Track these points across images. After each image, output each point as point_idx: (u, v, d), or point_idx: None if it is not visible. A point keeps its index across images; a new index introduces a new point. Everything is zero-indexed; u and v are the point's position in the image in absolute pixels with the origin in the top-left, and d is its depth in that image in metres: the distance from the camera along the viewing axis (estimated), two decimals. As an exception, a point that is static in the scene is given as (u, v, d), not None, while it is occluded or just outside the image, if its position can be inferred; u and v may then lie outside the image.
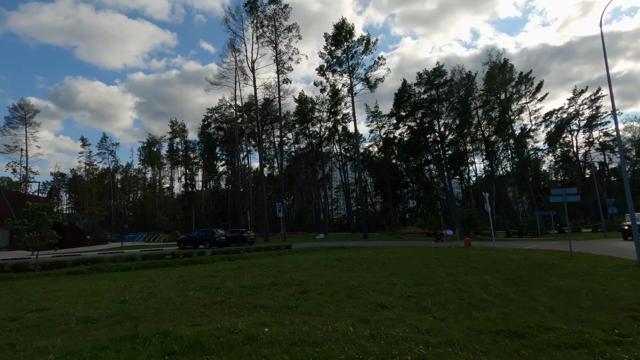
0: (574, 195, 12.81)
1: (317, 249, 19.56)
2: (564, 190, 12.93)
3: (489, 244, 21.59)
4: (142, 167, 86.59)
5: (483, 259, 11.93)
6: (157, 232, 54.97)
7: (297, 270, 10.17)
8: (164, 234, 48.90)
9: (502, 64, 41.57)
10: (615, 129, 9.77)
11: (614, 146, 56.45)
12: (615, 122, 10.19)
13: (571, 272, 8.76)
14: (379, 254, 14.76)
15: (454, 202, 42.33)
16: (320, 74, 38.88)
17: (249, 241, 27.32)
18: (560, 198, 12.96)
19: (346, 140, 60.35)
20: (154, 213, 72.26)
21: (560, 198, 12.96)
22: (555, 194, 13.12)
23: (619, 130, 10.08)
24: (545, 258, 11.72)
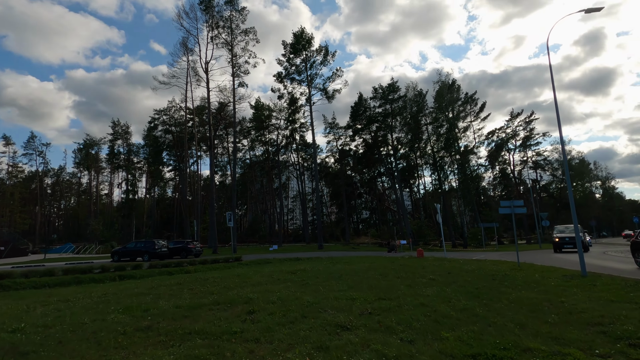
0: (520, 207, 13.30)
1: (270, 261, 18.45)
2: (512, 202, 13.38)
3: (440, 254, 22.04)
4: (77, 170, 78.48)
5: (438, 270, 11.80)
6: (91, 242, 49.51)
7: (245, 285, 9.12)
8: (97, 245, 44.10)
9: (451, 84, 44.21)
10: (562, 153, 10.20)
11: (544, 165, 62.53)
12: (563, 147, 10.69)
13: (525, 283, 8.78)
14: (335, 265, 14.12)
15: (405, 213, 43.52)
16: (278, 81, 38.28)
17: (194, 253, 25.29)
18: (508, 210, 13.38)
19: (304, 150, 59.96)
20: (88, 222, 65.37)
21: (508, 210, 13.38)
22: (504, 206, 13.54)
23: (565, 152, 10.57)
24: (496, 269, 11.88)
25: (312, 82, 37.88)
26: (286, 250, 33.47)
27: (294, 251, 32.32)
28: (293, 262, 17.07)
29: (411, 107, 44.64)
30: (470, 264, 13.55)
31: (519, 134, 57.58)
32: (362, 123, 44.33)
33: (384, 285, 8.72)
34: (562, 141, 10.74)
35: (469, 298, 6.96)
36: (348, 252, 28.71)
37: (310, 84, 37.59)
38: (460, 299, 6.80)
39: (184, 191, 46.92)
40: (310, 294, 7.47)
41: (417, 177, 64.09)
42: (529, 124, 57.24)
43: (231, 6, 32.81)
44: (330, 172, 65.80)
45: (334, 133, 56.48)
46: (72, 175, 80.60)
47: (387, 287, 8.33)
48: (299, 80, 38.16)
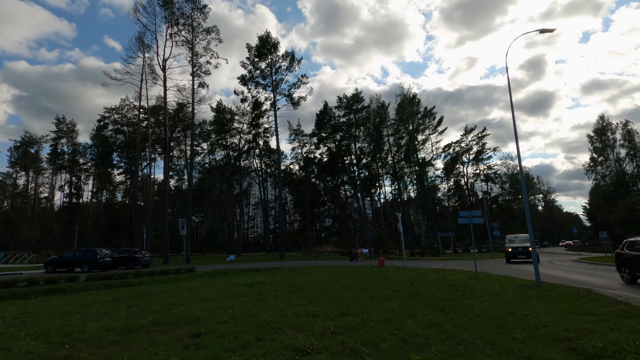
0: (478, 217, 13.59)
1: (226, 273, 17.33)
2: (470, 213, 13.64)
3: (400, 263, 22.16)
4: (13, 171, 70.62)
5: (400, 280, 11.60)
6: (24, 251, 44.30)
7: (195, 301, 8.20)
8: (30, 254, 39.56)
9: (412, 98, 45.80)
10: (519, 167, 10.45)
11: (495, 178, 66.56)
12: (520, 163, 11.01)
13: (485, 293, 8.75)
14: (296, 277, 13.47)
15: (366, 222, 43.89)
16: (242, 84, 37.19)
17: (142, 263, 23.35)
18: (467, 220, 13.61)
19: (267, 156, 58.82)
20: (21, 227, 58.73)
21: (467, 220, 13.61)
22: (463, 216, 13.77)
23: (522, 166, 10.88)
24: (456, 279, 11.92)
25: (278, 87, 37.32)
26: (245, 260, 32.12)
27: (254, 261, 31.10)
28: (251, 274, 16.14)
29: (374, 118, 45.54)
30: (431, 274, 13.54)
31: (472, 148, 60.89)
32: (327, 131, 44.43)
33: (347, 298, 8.25)
34: (519, 157, 11.09)
35: (434, 311, 6.68)
36: (310, 262, 28.09)
37: (275, 89, 36.97)
38: (426, 313, 6.50)
39: (134, 196, 43.73)
40: (267, 311, 6.78)
41: (378, 187, 65.39)
42: (481, 139, 60.80)
43: (192, 4, 31.50)
44: (295, 179, 65.15)
45: (299, 140, 56.15)
46: (6, 175, 72.43)
47: (351, 300, 7.86)
48: (264, 84, 37.45)
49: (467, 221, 13.56)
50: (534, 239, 37.55)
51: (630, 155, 57.21)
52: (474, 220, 13.53)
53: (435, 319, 6.03)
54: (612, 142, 59.66)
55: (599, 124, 62.02)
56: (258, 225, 75.39)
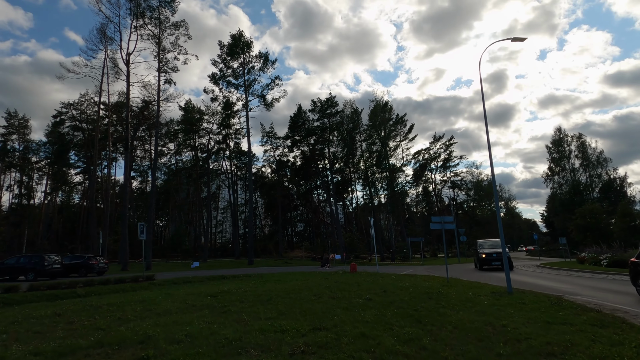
0: (450, 223, 13.57)
1: (189, 281, 16.22)
2: (442, 218, 13.60)
3: (372, 269, 21.93)
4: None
5: (373, 287, 11.23)
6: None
7: (148, 315, 7.32)
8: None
9: (384, 104, 46.42)
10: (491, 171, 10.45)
11: (461, 185, 68.89)
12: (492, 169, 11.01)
13: (460, 302, 8.53)
14: (265, 285, 12.74)
15: (339, 226, 43.67)
16: (212, 82, 35.90)
17: (97, 270, 21.57)
18: (439, 225, 13.54)
19: (238, 158, 57.26)
20: (-40, 231, 53.11)
21: (439, 225, 13.54)
22: (435, 222, 13.70)
23: (494, 174, 10.91)
24: (429, 285, 11.73)
25: (250, 88, 36.41)
26: (212, 267, 30.70)
27: (221, 267, 29.79)
28: (217, 282, 15.19)
29: (347, 123, 45.64)
30: (404, 280, 13.31)
31: (440, 156, 62.75)
32: (300, 135, 43.92)
33: (319, 309, 7.70)
34: (491, 162, 11.12)
35: (411, 323, 6.29)
36: (280, 268, 27.27)
37: (247, 89, 36.02)
38: (403, 325, 6.09)
39: (92, 198, 40.83)
40: (230, 326, 6.10)
41: (351, 192, 65.65)
42: (448, 147, 62.83)
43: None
44: (267, 183, 63.97)
45: (272, 143, 55.19)
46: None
47: (323, 312, 7.33)
48: (236, 84, 36.35)
49: (439, 227, 13.50)
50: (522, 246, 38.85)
51: (583, 166, 61.28)
52: (446, 225, 13.49)
53: (413, 332, 5.63)
54: (568, 153, 63.67)
55: (556, 135, 66.11)
56: (227, 230, 73.30)
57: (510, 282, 10.21)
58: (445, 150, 62.54)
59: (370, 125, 46.28)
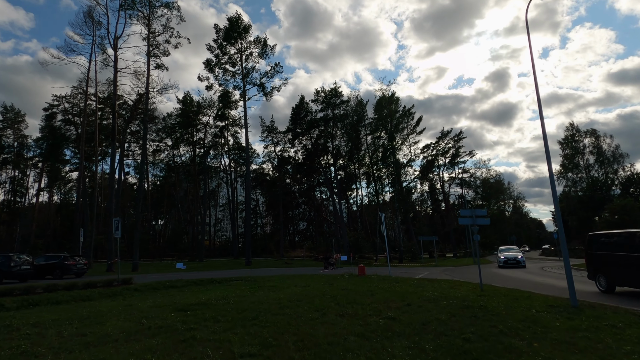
0: (483, 217, 11.13)
1: (172, 285, 13.93)
2: (473, 212, 11.15)
3: (382, 271, 19.51)
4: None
5: (392, 298, 8.84)
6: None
7: (76, 345, 4.98)
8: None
9: (391, 95, 43.85)
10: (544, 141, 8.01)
11: (470, 182, 66.15)
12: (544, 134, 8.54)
13: (519, 322, 6.12)
14: (256, 293, 10.39)
15: (343, 225, 41.26)
16: (207, 69, 33.40)
17: (75, 271, 19.37)
18: (469, 220, 11.11)
19: (237, 154, 54.93)
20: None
21: (469, 220, 11.11)
22: (465, 216, 11.26)
23: (547, 141, 8.47)
24: (462, 295, 9.31)
25: (248, 76, 34.00)
26: (206, 268, 28.44)
27: (216, 268, 27.53)
28: (201, 288, 12.85)
29: (352, 115, 43.19)
30: (426, 288, 10.89)
31: (448, 151, 60.09)
32: (302, 127, 41.42)
33: (323, 336, 5.33)
34: (543, 129, 8.67)
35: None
36: (279, 270, 24.93)
37: (245, 77, 33.62)
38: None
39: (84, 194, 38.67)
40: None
41: (355, 189, 63.17)
42: (457, 142, 60.12)
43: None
44: (268, 180, 61.66)
45: (272, 138, 52.84)
46: None
47: (329, 343, 4.96)
48: (233, 72, 33.93)
49: (470, 221, 11.06)
50: (513, 245, 36.11)
51: (598, 162, 58.38)
52: (478, 221, 11.04)
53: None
54: (582, 149, 60.79)
55: (568, 132, 63.23)
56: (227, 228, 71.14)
57: (575, 292, 7.76)
58: (453, 145, 59.87)
59: (376, 118, 43.75)
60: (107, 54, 29.33)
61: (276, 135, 50.98)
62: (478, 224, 10.98)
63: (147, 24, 27.16)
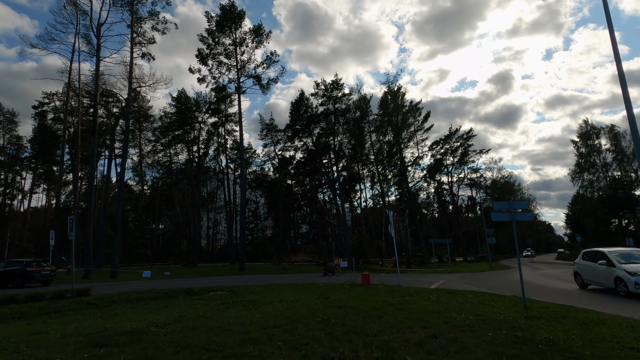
0: (526, 212, 8.53)
1: (139, 298, 11.51)
2: (511, 204, 8.53)
3: (389, 278, 16.88)
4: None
5: (409, 324, 6.27)
6: None
7: None
8: None
9: (397, 89, 41.30)
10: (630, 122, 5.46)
11: (480, 182, 63.16)
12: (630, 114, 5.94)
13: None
14: (224, 313, 7.88)
15: (346, 227, 38.65)
16: (199, 61, 31.08)
17: (39, 279, 17.00)
18: (505, 216, 8.50)
19: (236, 155, 52.62)
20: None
21: (505, 216, 8.50)
22: (499, 210, 8.66)
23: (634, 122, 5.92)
24: (507, 319, 6.70)
25: (244, 69, 31.67)
26: (196, 274, 25.98)
27: (205, 275, 25.05)
28: (160, 304, 10.36)
29: (354, 110, 40.69)
30: (452, 305, 8.28)
31: (457, 150, 57.32)
32: (302, 123, 38.90)
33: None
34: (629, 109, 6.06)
35: None
36: (273, 277, 22.40)
37: (241, 70, 31.30)
38: None
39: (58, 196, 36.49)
40: None
41: (359, 191, 60.54)
42: (467, 140, 57.31)
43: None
44: (268, 181, 59.31)
45: (272, 137, 50.52)
46: None
47: None
48: (228, 64, 31.61)
49: (507, 217, 8.45)
50: (528, 249, 32.60)
51: (617, 160, 55.13)
52: (518, 216, 8.43)
53: None
54: (598, 147, 57.61)
55: (583, 128, 60.05)
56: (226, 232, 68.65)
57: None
58: (462, 144, 57.09)
59: (381, 113, 41.20)
60: (91, 44, 27.23)
61: (276, 134, 48.67)
62: (518, 219, 8.37)
63: (130, 10, 25.02)
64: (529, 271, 23.91)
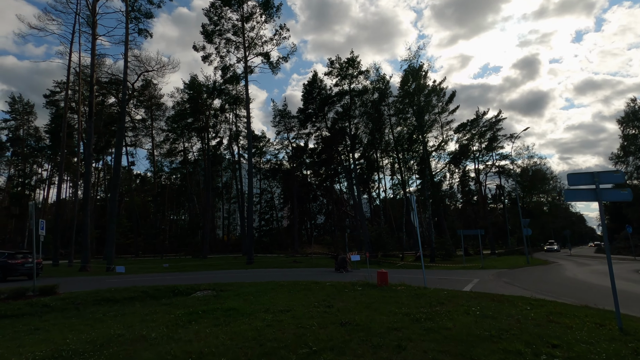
0: (622, 189, 5.78)
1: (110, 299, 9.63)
2: (595, 175, 5.79)
3: (410, 276, 14.33)
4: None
5: None
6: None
7: None
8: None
9: (419, 68, 37.72)
10: None
11: (510, 170, 58.61)
12: None
13: None
14: (179, 331, 5.67)
15: (363, 217, 36.11)
16: (205, 38, 28.85)
17: (23, 272, 15.58)
18: (587, 195, 5.79)
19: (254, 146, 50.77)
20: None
21: (587, 195, 5.79)
22: (578, 186, 5.94)
23: None
24: (612, 353, 4.08)
25: (252, 46, 29.27)
26: (201, 267, 24.33)
27: (211, 268, 23.35)
28: (119, 310, 8.34)
29: (372, 92, 37.62)
30: (502, 321, 5.71)
31: (485, 134, 53.06)
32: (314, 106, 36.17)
33: None
34: None
35: None
36: (281, 271, 20.33)
37: (248, 48, 28.93)
38: None
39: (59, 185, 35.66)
40: None
41: (378, 180, 57.57)
42: (495, 124, 52.92)
43: None
44: (283, 171, 57.41)
45: (286, 123, 48.25)
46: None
47: None
48: (235, 42, 29.25)
49: (589, 197, 5.75)
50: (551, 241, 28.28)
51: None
52: (608, 195, 5.71)
53: None
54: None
55: (629, 107, 54.23)
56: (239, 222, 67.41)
57: None
58: (490, 127, 52.77)
59: (402, 94, 37.83)
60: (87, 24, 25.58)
61: (289, 121, 46.31)
62: (608, 199, 5.64)
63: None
64: (576, 267, 20.67)
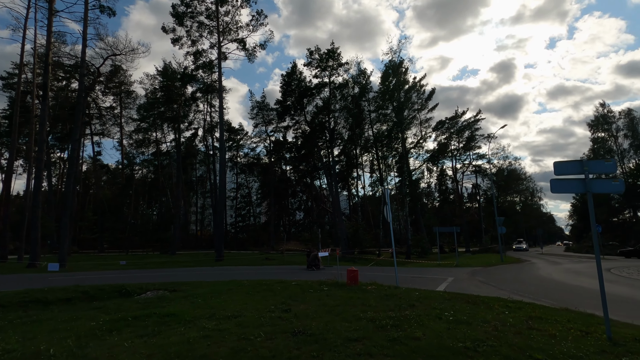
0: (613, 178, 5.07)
1: (38, 300, 8.37)
2: (584, 163, 5.12)
3: (383, 275, 13.63)
4: None
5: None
6: None
7: None
8: None
9: (399, 64, 37.25)
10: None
11: (486, 170, 59.57)
12: None
13: None
14: (91, 344, 4.57)
15: (340, 214, 35.41)
16: (175, 20, 27.04)
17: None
18: (576, 186, 5.10)
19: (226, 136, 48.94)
20: None
21: (576, 186, 5.10)
22: (565, 174, 5.24)
23: None
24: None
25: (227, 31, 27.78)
26: (164, 264, 22.88)
27: (172, 265, 21.96)
28: (42, 315, 7.10)
29: (352, 86, 36.89)
30: (477, 329, 4.95)
31: (463, 132, 53.52)
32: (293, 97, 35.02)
33: None
34: None
35: None
36: (250, 268, 19.28)
37: (222, 33, 27.44)
38: None
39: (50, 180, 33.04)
40: None
41: (357, 178, 57.08)
42: (474, 123, 53.45)
43: None
44: (261, 165, 55.99)
45: (264, 116, 46.82)
46: None
47: None
48: (209, 26, 27.67)
49: (577, 188, 5.07)
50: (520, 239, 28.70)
51: (634, 147, 51.45)
52: (598, 186, 5.04)
53: None
54: (615, 133, 53.82)
55: (599, 112, 56.15)
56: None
57: None
58: (469, 127, 53.24)
59: (382, 90, 37.31)
60: None
61: (267, 113, 44.94)
62: (598, 191, 4.97)
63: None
64: (549, 266, 20.68)
